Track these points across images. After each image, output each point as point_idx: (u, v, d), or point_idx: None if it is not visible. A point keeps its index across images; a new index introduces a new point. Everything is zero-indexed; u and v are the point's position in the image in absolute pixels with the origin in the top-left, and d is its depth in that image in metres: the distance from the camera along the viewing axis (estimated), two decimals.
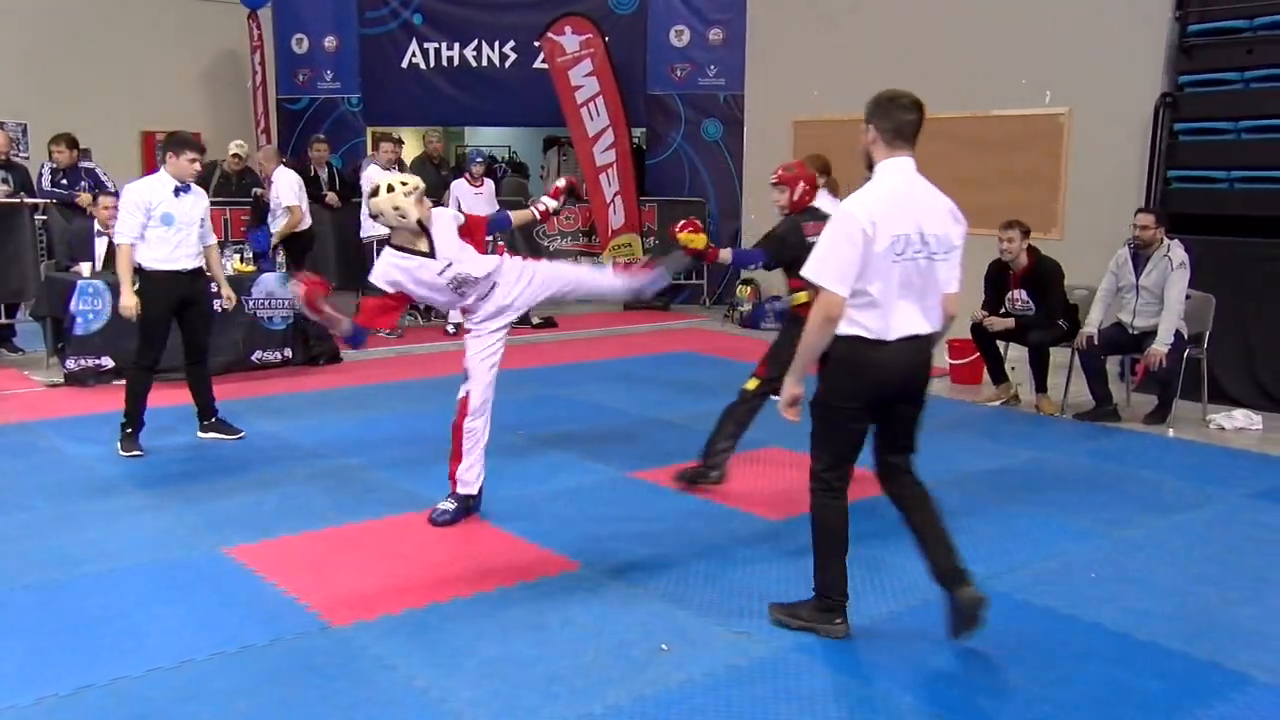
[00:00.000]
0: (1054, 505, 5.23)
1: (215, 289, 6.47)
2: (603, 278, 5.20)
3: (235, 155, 10.22)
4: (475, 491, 4.94)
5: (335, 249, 10.26)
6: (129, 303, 5.89)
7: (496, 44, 12.49)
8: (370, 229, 9.69)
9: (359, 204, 9.82)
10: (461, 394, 4.91)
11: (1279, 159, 7.45)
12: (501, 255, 5.11)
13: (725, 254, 5.50)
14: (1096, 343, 6.92)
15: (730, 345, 8.14)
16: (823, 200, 6.46)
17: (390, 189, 4.60)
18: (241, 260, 8.48)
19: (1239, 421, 6.90)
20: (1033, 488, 5.51)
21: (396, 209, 4.59)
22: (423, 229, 4.69)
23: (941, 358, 8.42)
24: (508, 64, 12.53)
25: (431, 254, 4.69)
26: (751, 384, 5.30)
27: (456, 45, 12.51)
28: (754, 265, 5.56)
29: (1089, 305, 7.09)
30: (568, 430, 6.59)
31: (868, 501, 5.23)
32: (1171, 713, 3.22)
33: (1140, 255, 6.91)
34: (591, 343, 9.99)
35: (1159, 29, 8.12)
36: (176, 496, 5.19)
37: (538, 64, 12.11)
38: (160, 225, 5.87)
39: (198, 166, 6.07)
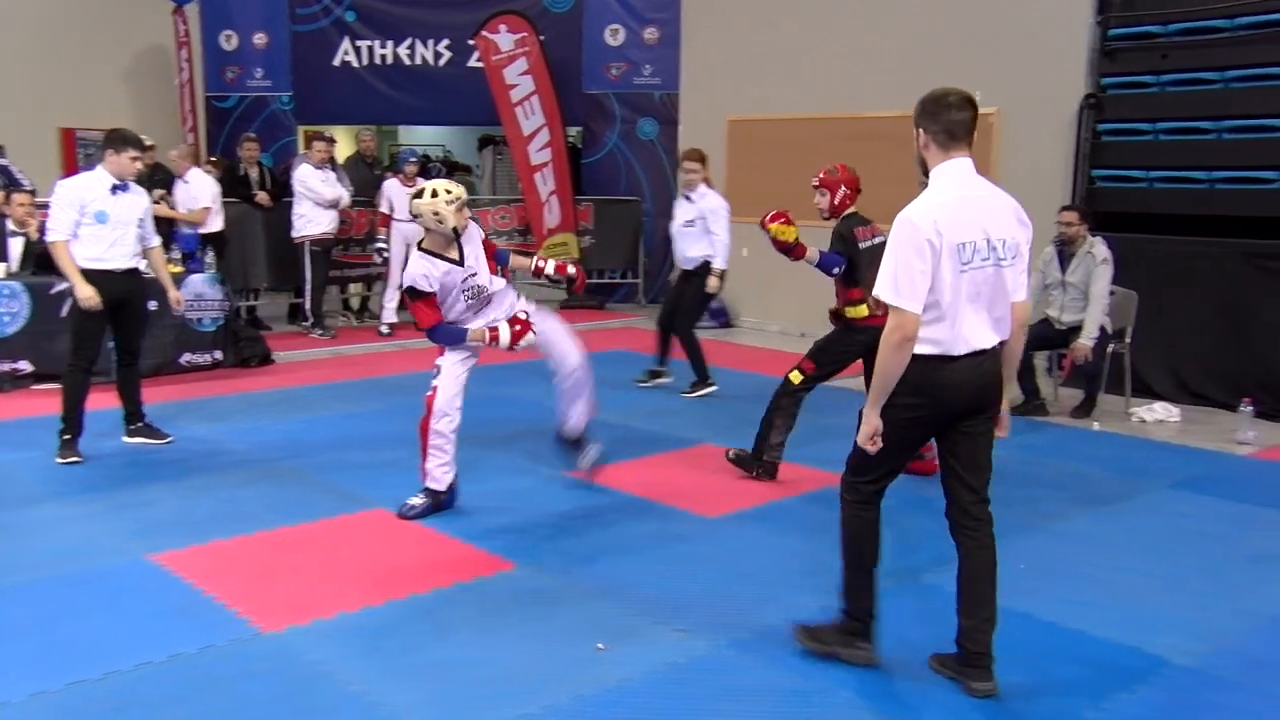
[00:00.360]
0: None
1: (165, 290, 6.35)
2: (570, 355, 5.27)
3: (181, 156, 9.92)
4: (443, 488, 5.00)
5: (267, 249, 10.10)
6: (85, 293, 5.65)
7: (431, 42, 12.38)
8: (302, 229, 9.57)
9: (290, 203, 9.70)
10: (429, 391, 4.99)
11: (1194, 160, 7.68)
12: (508, 278, 5.35)
13: (813, 252, 5.37)
14: (1025, 338, 7.05)
15: (654, 344, 8.16)
16: (703, 193, 6.57)
17: (435, 194, 4.80)
18: (169, 261, 8.29)
19: (1159, 414, 7.09)
20: None
21: (436, 214, 4.78)
22: (456, 237, 4.88)
23: None
24: (442, 62, 12.43)
25: (460, 262, 4.90)
26: (796, 376, 5.40)
27: (390, 43, 12.38)
28: (835, 270, 5.31)
29: None
30: (504, 430, 6.56)
31: (817, 494, 5.29)
32: (1097, 698, 3.31)
33: (1065, 253, 7.07)
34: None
35: (1082, 32, 8.30)
36: (104, 503, 5.07)
37: (473, 62, 12.02)
38: (94, 223, 5.70)
39: (139, 165, 5.92)
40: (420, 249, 4.94)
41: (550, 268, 5.46)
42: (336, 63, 12.36)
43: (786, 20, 10.46)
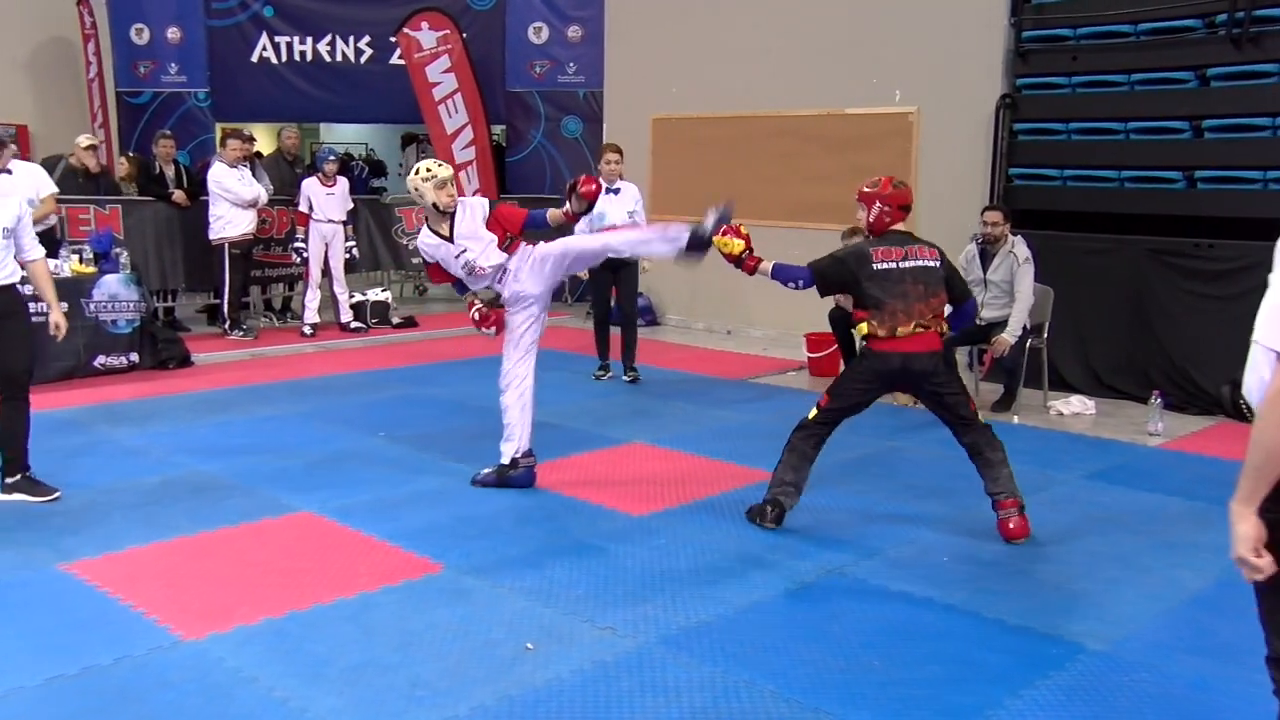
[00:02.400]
0: (909, 493, 5.42)
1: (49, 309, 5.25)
2: (635, 234, 5.37)
3: (91, 147, 9.62)
4: (507, 461, 5.28)
5: (183, 249, 9.86)
6: None
7: (351, 39, 12.22)
8: (220, 230, 9.35)
9: (207, 203, 9.49)
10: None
11: (1104, 159, 7.91)
12: (516, 249, 5.26)
13: (766, 266, 4.79)
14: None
15: (592, 343, 8.16)
16: (625, 183, 6.28)
17: (416, 171, 5.17)
18: (81, 261, 8.08)
19: (1075, 407, 7.29)
20: (889, 476, 5.70)
21: (416, 190, 5.14)
22: (444, 213, 5.17)
23: (800, 351, 8.63)
24: (363, 59, 12.27)
25: (450, 238, 5.18)
26: (812, 413, 4.85)
27: (310, 40, 12.19)
28: (793, 284, 4.81)
29: None
30: (431, 430, 6.51)
31: (743, 491, 5.33)
32: (1017, 685, 3.38)
33: (988, 251, 7.22)
34: (454, 341, 9.87)
35: (998, 34, 8.49)
36: (11, 511, 4.90)
37: (394, 60, 11.89)
38: None
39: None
40: (426, 223, 5.32)
41: (570, 203, 5.21)
42: (255, 59, 12.14)
43: (709, 19, 10.53)
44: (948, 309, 4.81)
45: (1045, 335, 7.36)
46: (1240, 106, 7.26)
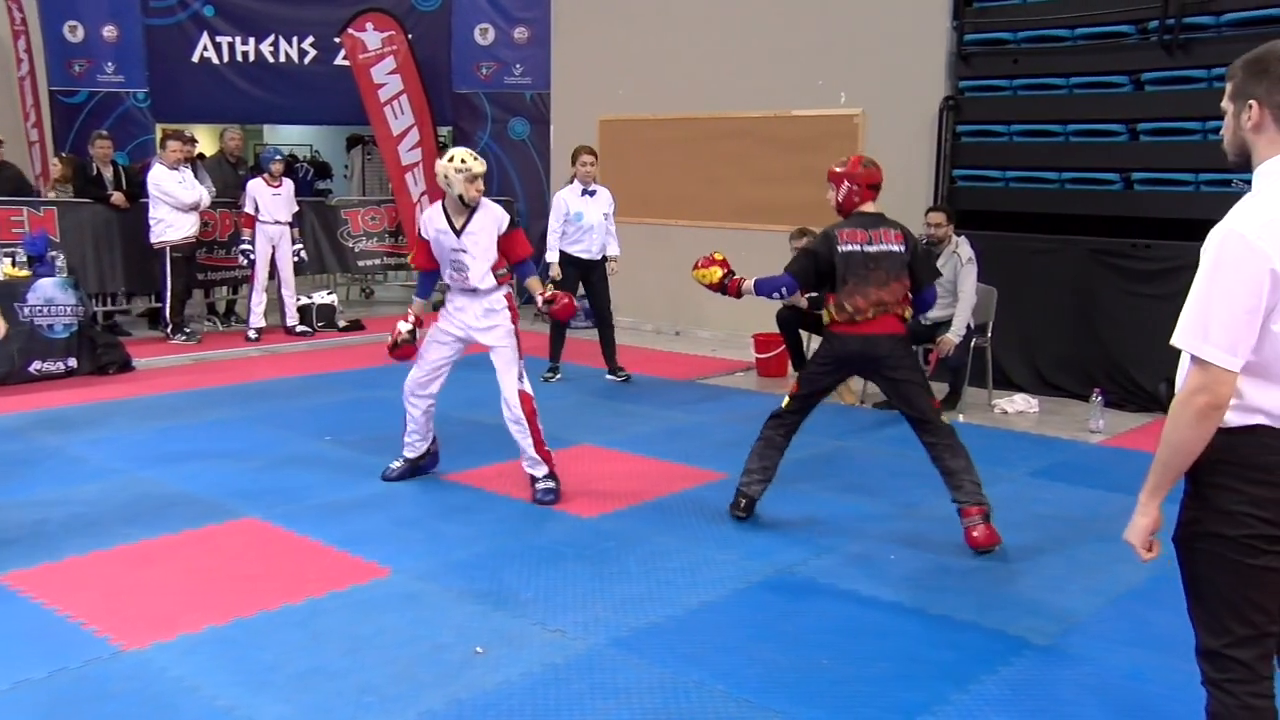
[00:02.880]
0: (856, 491, 5.47)
1: None
2: (517, 430, 5.25)
3: None
4: (414, 456, 5.54)
5: (122, 252, 9.67)
6: None
7: (295, 39, 12.07)
8: (161, 234, 9.19)
9: (148, 205, 9.32)
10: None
11: (1045, 161, 8.04)
12: (504, 284, 5.32)
13: (748, 284, 4.83)
14: None
15: (541, 344, 8.13)
16: (572, 191, 6.16)
17: (450, 159, 5.12)
18: (14, 264, 7.90)
19: (1019, 405, 7.40)
20: (836, 475, 5.75)
21: (445, 177, 5.08)
22: (465, 206, 5.14)
23: (748, 352, 8.68)
24: (307, 60, 12.13)
25: (458, 232, 5.16)
26: (785, 401, 4.89)
27: (252, 40, 12.01)
28: (779, 295, 4.89)
29: None
30: (379, 433, 6.44)
31: (693, 492, 5.34)
32: (963, 680, 3.43)
33: (932, 251, 7.30)
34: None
35: (940, 37, 8.60)
36: None
37: (339, 61, 11.77)
38: None
39: None
40: (442, 202, 5.27)
41: (539, 300, 5.43)
42: (196, 59, 11.93)
43: (656, 21, 10.55)
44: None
45: (989, 334, 7.47)
46: (1172, 110, 7.43)
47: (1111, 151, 7.75)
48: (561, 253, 7.99)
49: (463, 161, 5.09)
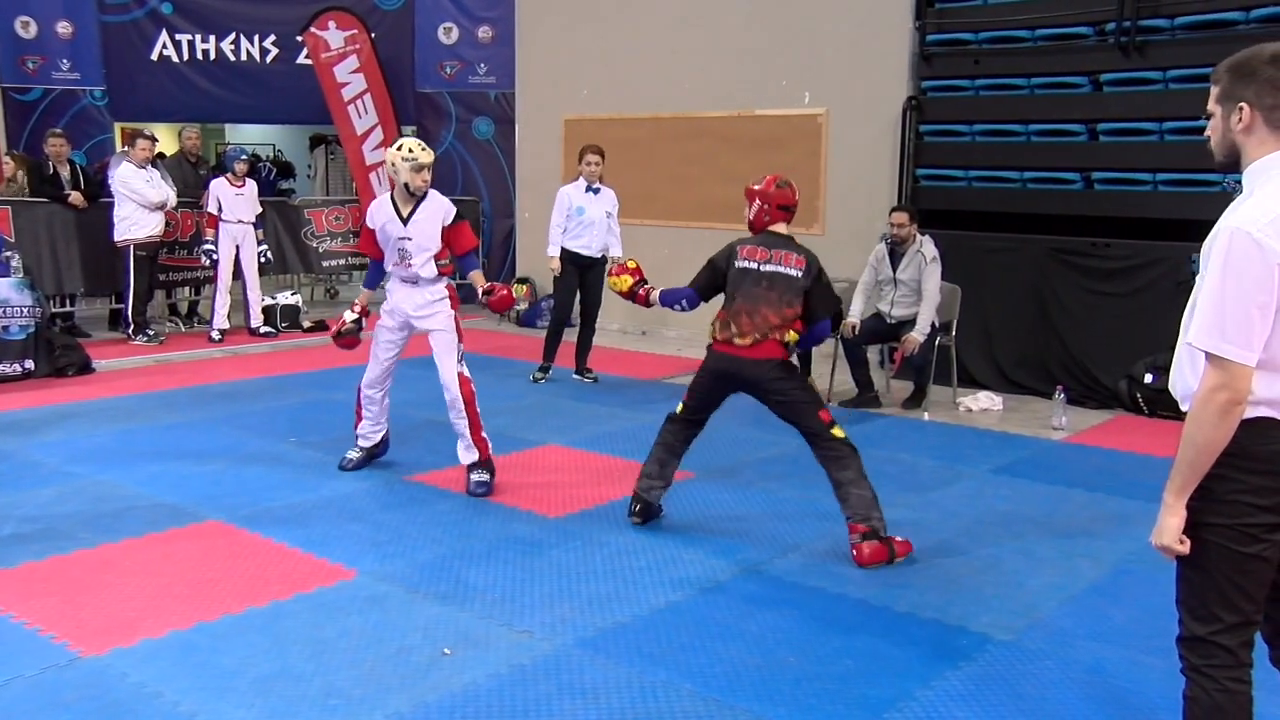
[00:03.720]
0: (821, 489, 5.46)
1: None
2: (460, 423, 5.31)
3: None
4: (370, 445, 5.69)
5: (81, 252, 9.52)
6: None
7: (256, 38, 11.96)
8: (125, 232, 9.08)
9: (109, 204, 9.20)
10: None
11: (1007, 160, 8.13)
12: (448, 274, 5.39)
13: (655, 295, 4.90)
14: (858, 332, 7.32)
15: (507, 344, 8.12)
16: (575, 187, 6.09)
17: (399, 147, 5.18)
18: None
19: (983, 403, 7.47)
20: (801, 474, 5.76)
21: (392, 164, 5.15)
22: (411, 196, 5.21)
23: None
24: (269, 59, 12.02)
25: (404, 220, 5.22)
26: (679, 407, 4.82)
27: (212, 38, 11.89)
28: (679, 306, 4.87)
29: (850, 297, 7.50)
30: (341, 435, 6.38)
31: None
32: (927, 676, 3.46)
33: (896, 251, 7.36)
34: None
35: (903, 37, 8.66)
36: None
37: (301, 59, 11.67)
38: None
39: None
40: (392, 190, 5.31)
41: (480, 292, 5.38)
42: (154, 57, 11.79)
43: (620, 20, 10.55)
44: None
45: (954, 333, 7.53)
46: (1130, 111, 7.53)
47: (1072, 151, 7.84)
48: (563, 249, 7.91)
49: (410, 151, 5.16)
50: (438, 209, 5.30)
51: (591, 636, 3.71)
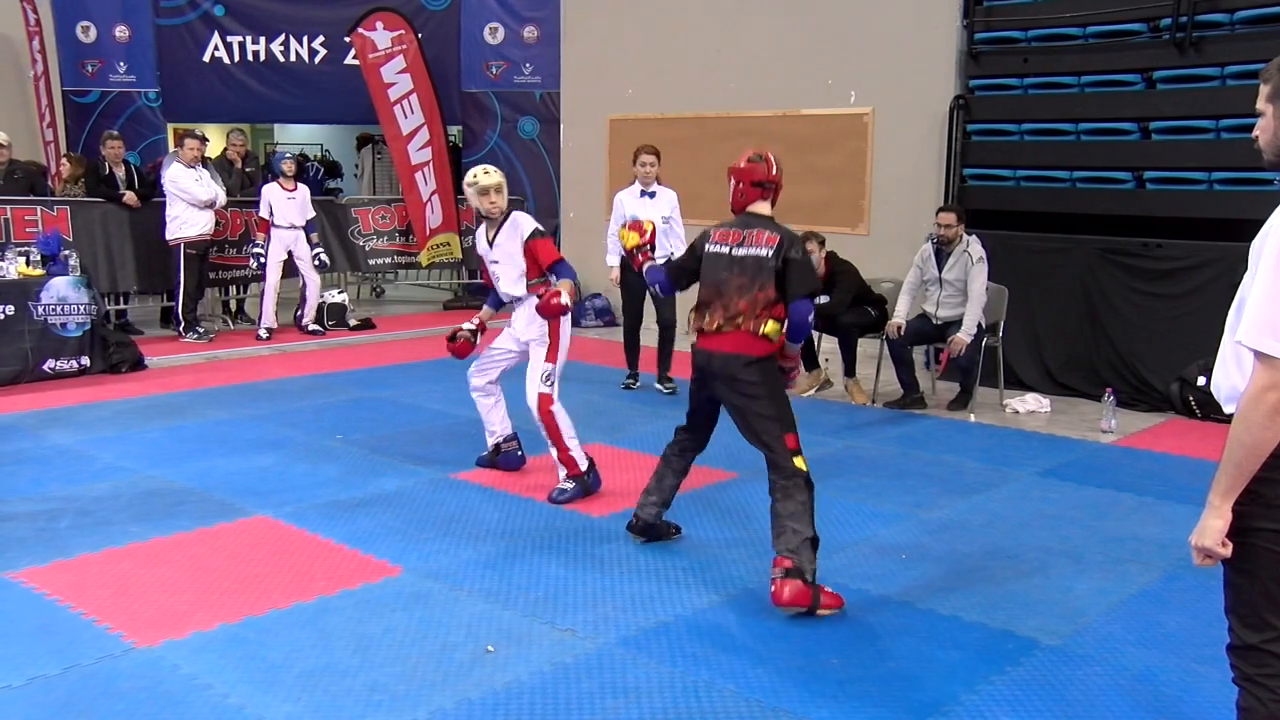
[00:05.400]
0: (866, 491, 5.46)
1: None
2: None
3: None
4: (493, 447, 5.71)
5: (134, 251, 9.70)
6: None
7: (305, 39, 12.10)
8: (177, 230, 9.24)
9: (161, 204, 9.36)
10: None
11: (1056, 159, 8.02)
12: (539, 292, 5.22)
13: (646, 267, 4.61)
14: (903, 332, 7.27)
15: (583, 352, 8.12)
16: (661, 187, 5.85)
17: (469, 175, 5.39)
18: (28, 263, 7.93)
19: (1030, 405, 7.38)
20: (846, 475, 5.74)
21: (467, 195, 5.35)
22: (493, 219, 5.36)
23: None
24: (317, 59, 12.15)
25: (491, 242, 5.39)
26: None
27: (263, 39, 12.04)
28: (654, 286, 4.67)
29: (895, 297, 7.45)
30: (388, 433, 6.46)
31: (703, 491, 5.34)
32: (972, 680, 3.43)
33: (943, 251, 7.30)
34: (411, 344, 9.82)
35: (950, 36, 8.58)
36: None
37: (349, 60, 11.79)
38: None
39: None
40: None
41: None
42: (206, 59, 11.97)
43: (664, 20, 10.55)
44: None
45: (1000, 334, 7.45)
46: (1185, 109, 7.40)
47: (1123, 150, 7.72)
48: (622, 257, 7.47)
49: (473, 177, 5.30)
50: (515, 229, 5.32)
51: (634, 636, 3.71)
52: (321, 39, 12.04)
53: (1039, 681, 3.43)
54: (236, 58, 12.04)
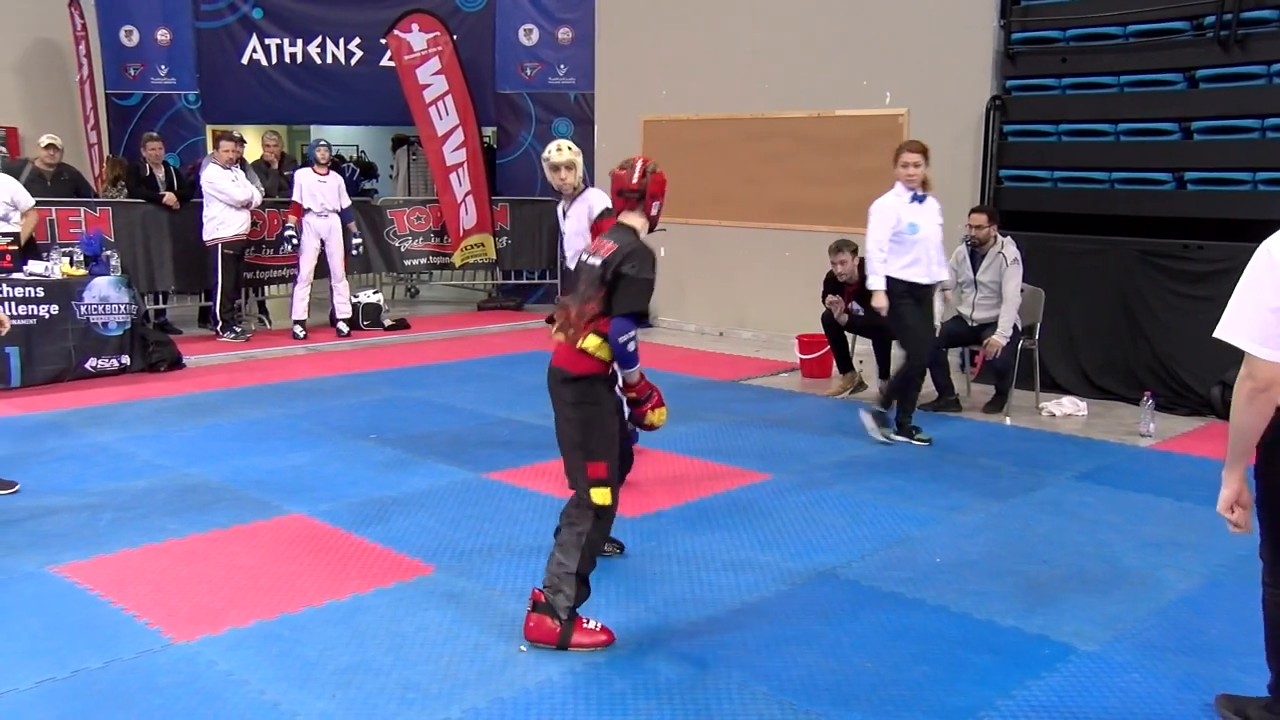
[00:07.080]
0: (899, 494, 5.43)
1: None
2: None
3: (50, 147, 9.56)
4: None
5: (173, 252, 9.83)
6: None
7: (341, 41, 12.20)
8: (214, 231, 9.35)
9: (199, 205, 9.47)
10: None
11: (1094, 160, 7.93)
12: None
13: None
14: (939, 334, 7.21)
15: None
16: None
17: (546, 149, 5.55)
18: (71, 263, 8.06)
19: (1067, 408, 7.30)
20: (880, 477, 5.71)
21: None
22: (568, 196, 5.55)
23: (791, 353, 8.64)
24: (354, 61, 12.25)
25: (564, 215, 5.63)
26: None
27: (300, 41, 12.16)
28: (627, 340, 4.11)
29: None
30: (422, 432, 6.50)
31: (735, 493, 5.33)
32: (1007, 685, 3.39)
33: (977, 252, 7.24)
34: (445, 344, 9.87)
35: (986, 36, 8.51)
36: None
37: (384, 62, 11.88)
38: None
39: None
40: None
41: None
42: (244, 61, 12.10)
43: (699, 21, 10.54)
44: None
45: (1036, 336, 7.38)
46: (1228, 108, 7.29)
47: (1163, 151, 7.62)
48: (889, 278, 6.47)
49: (548, 153, 5.50)
50: (584, 205, 5.51)
51: (665, 635, 3.71)
52: (358, 41, 12.14)
53: (1076, 688, 3.39)
54: (274, 60, 12.17)
